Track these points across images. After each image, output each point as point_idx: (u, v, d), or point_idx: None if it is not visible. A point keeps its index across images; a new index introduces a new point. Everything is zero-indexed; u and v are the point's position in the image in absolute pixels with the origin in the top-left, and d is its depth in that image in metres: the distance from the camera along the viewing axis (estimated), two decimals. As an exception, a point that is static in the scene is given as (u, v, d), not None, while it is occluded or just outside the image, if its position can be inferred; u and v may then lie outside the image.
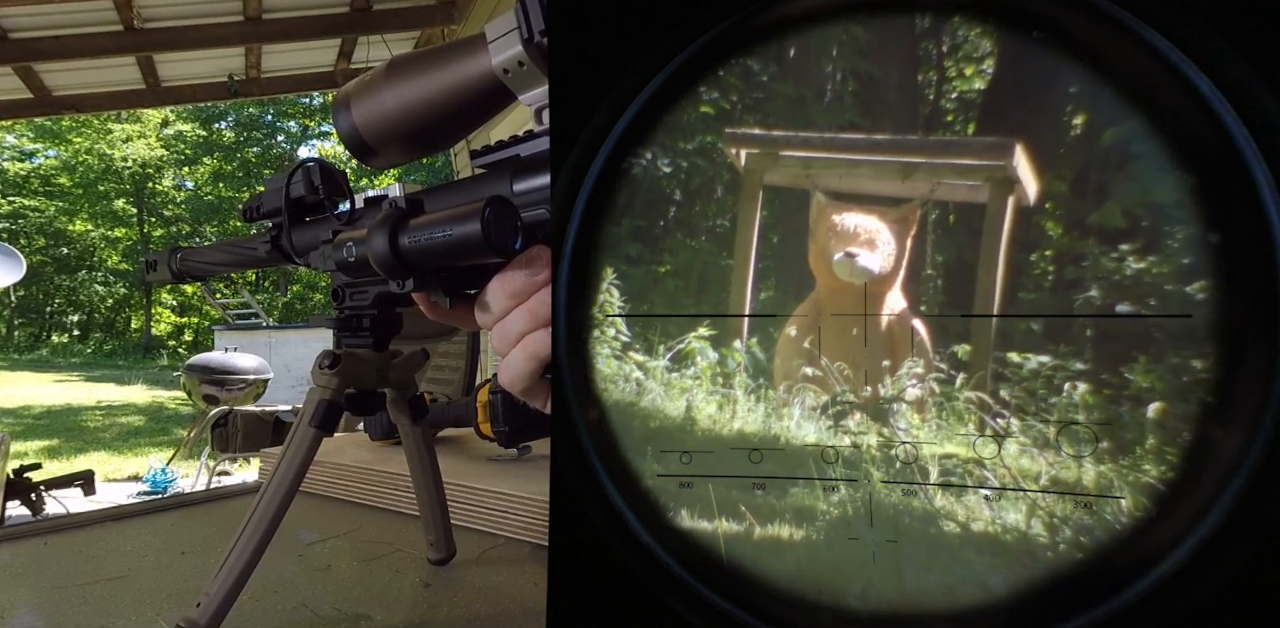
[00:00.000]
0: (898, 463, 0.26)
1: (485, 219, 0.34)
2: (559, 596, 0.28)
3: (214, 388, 3.93)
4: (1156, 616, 0.23)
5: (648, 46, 0.28)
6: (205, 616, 0.46)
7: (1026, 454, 0.25)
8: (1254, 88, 0.22)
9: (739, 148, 0.28)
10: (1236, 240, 0.23)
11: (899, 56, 0.26)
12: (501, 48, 0.35)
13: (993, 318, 0.25)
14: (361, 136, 0.41)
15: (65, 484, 2.75)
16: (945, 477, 0.26)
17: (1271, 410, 0.22)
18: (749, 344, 0.28)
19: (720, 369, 0.28)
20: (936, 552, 0.25)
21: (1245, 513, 0.22)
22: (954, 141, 0.26)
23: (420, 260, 0.38)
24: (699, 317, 0.28)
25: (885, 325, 0.27)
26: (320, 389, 0.51)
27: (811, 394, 0.27)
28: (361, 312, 0.52)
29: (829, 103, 0.27)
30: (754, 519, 0.27)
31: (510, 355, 0.34)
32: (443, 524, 0.63)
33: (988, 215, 0.26)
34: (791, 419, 0.27)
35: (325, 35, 3.89)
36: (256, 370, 4.09)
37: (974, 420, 0.26)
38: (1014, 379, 0.25)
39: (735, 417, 0.28)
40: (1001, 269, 0.25)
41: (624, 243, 0.29)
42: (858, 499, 0.26)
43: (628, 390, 0.29)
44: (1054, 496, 0.24)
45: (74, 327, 18.23)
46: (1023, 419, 0.25)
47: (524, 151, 0.38)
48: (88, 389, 9.95)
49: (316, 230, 0.53)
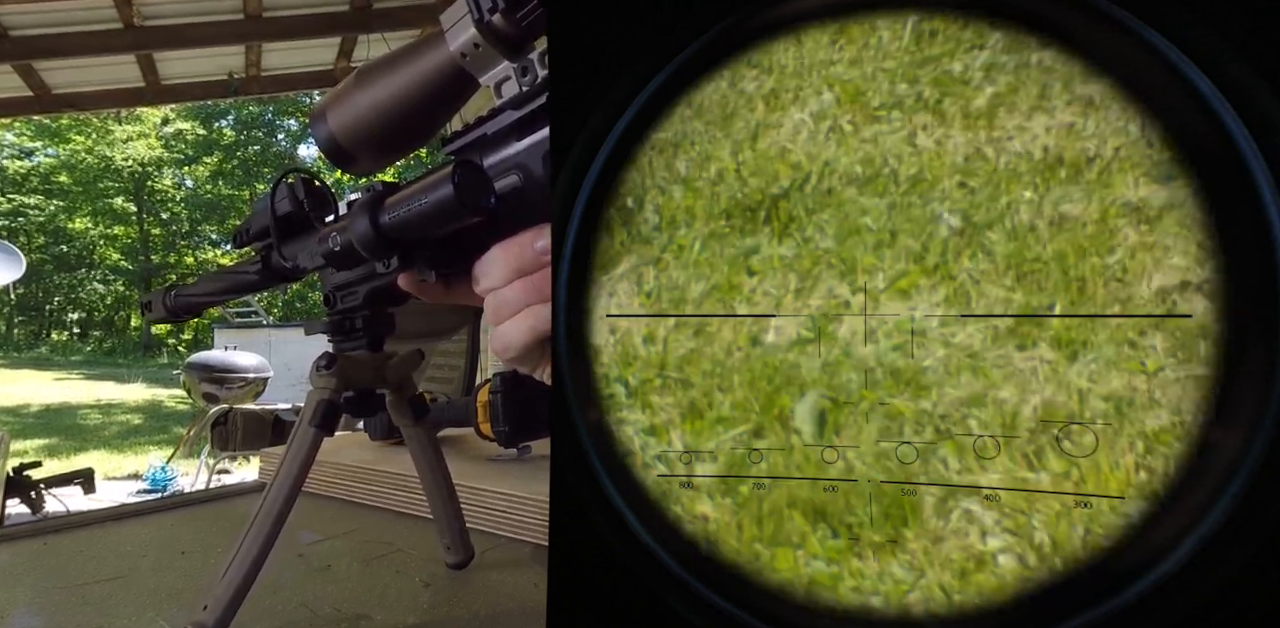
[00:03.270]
0: (896, 463, 0.26)
1: (456, 181, 0.35)
2: (559, 596, 0.28)
3: (214, 386, 3.93)
4: (1156, 616, 0.23)
5: (647, 47, 0.28)
6: (213, 618, 0.46)
7: (1024, 454, 0.25)
8: (1254, 88, 0.22)
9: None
10: (1236, 240, 0.23)
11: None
12: (457, 33, 0.36)
13: (992, 317, 0.25)
14: (339, 144, 0.42)
15: (65, 482, 2.75)
16: (943, 477, 0.26)
17: (1271, 410, 0.22)
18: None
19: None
20: (936, 552, 0.25)
21: (1245, 513, 0.22)
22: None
23: (402, 233, 0.39)
24: (698, 316, 0.28)
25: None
26: (319, 390, 0.51)
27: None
28: (354, 313, 0.52)
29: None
30: (754, 519, 0.27)
31: (507, 324, 0.35)
32: (458, 526, 0.62)
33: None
34: (789, 419, 0.27)
35: (325, 33, 3.90)
36: (256, 369, 4.09)
37: (975, 418, 0.26)
38: (1014, 379, 0.25)
39: (734, 416, 0.28)
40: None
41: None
42: (857, 499, 0.26)
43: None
44: (1053, 494, 0.24)
45: (74, 325, 18.23)
46: (1019, 419, 0.25)
47: (490, 130, 0.39)
48: (87, 387, 9.95)
49: (305, 239, 0.54)
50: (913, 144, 0.26)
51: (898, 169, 0.26)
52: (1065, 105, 0.25)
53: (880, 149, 0.27)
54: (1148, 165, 0.24)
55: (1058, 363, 0.25)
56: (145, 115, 15.91)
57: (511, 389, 0.81)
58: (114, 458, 5.34)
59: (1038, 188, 0.25)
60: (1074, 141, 0.24)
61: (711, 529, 0.28)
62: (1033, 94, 0.25)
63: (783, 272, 0.28)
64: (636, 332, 0.29)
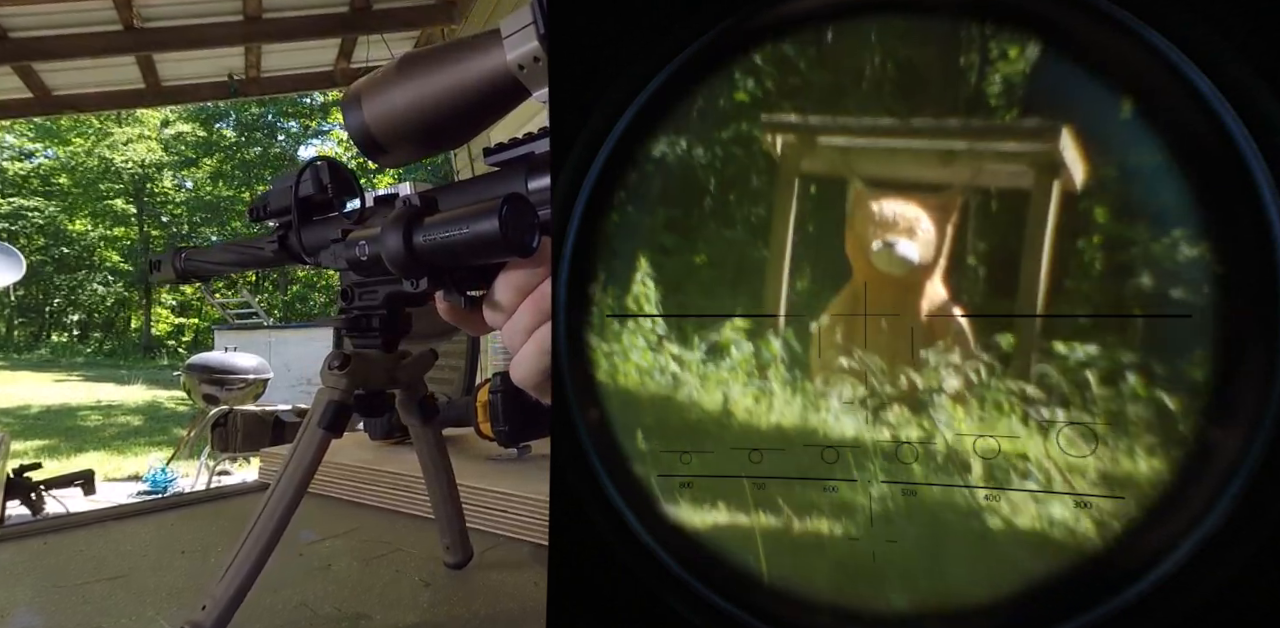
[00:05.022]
0: (892, 464, 0.26)
1: (503, 216, 0.33)
2: (559, 596, 0.28)
3: (214, 387, 3.93)
4: (1156, 616, 0.23)
5: (647, 46, 0.28)
6: (211, 619, 0.45)
7: (1023, 455, 0.25)
8: (1254, 88, 0.22)
9: (775, 135, 0.27)
10: (1236, 240, 0.23)
11: (938, 39, 0.26)
12: (517, 43, 0.35)
13: (988, 318, 0.25)
14: (372, 134, 0.41)
15: (65, 484, 2.75)
16: (943, 477, 0.26)
17: (1271, 410, 0.22)
18: (785, 336, 0.28)
19: (756, 362, 0.28)
20: (936, 552, 0.25)
21: (1245, 513, 0.22)
22: (996, 126, 0.25)
23: (435, 259, 0.37)
24: (698, 316, 0.28)
25: (925, 316, 0.26)
26: (329, 390, 0.50)
27: (847, 388, 0.27)
28: (371, 312, 0.51)
29: (867, 89, 0.26)
30: (754, 519, 0.27)
31: (521, 352, 0.34)
32: (458, 526, 0.62)
33: (1033, 201, 0.25)
34: (789, 419, 0.27)
35: (325, 35, 3.90)
36: (256, 370, 4.09)
37: (971, 422, 0.26)
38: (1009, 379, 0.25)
39: (734, 416, 0.28)
40: (1047, 257, 0.25)
41: (660, 232, 0.28)
42: (856, 500, 0.26)
43: (665, 381, 0.28)
44: (1053, 495, 0.24)
45: (74, 326, 18.23)
46: (1016, 421, 0.25)
47: (537, 149, 0.38)
48: (88, 389, 9.95)
49: (325, 230, 0.53)
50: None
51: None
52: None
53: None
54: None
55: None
56: (145, 117, 15.93)
57: (512, 389, 0.81)
58: (114, 459, 5.34)
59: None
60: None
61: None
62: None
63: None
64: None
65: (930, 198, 0.26)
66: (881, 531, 0.26)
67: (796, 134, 0.27)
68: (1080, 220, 0.24)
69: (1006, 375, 0.25)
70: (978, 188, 0.26)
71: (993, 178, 0.25)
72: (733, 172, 0.28)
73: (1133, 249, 0.24)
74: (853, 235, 0.27)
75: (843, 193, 0.27)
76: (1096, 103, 0.24)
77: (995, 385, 0.25)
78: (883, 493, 0.26)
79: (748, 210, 0.28)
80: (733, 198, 0.28)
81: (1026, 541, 0.25)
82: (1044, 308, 0.25)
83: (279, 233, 0.56)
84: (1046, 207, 0.25)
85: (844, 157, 0.27)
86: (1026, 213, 0.25)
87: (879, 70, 0.26)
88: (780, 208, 0.28)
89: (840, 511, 0.27)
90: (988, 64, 0.25)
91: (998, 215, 0.25)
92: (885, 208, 0.27)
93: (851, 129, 0.27)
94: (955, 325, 0.26)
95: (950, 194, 0.26)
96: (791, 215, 0.27)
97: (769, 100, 0.27)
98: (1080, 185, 0.24)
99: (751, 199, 0.28)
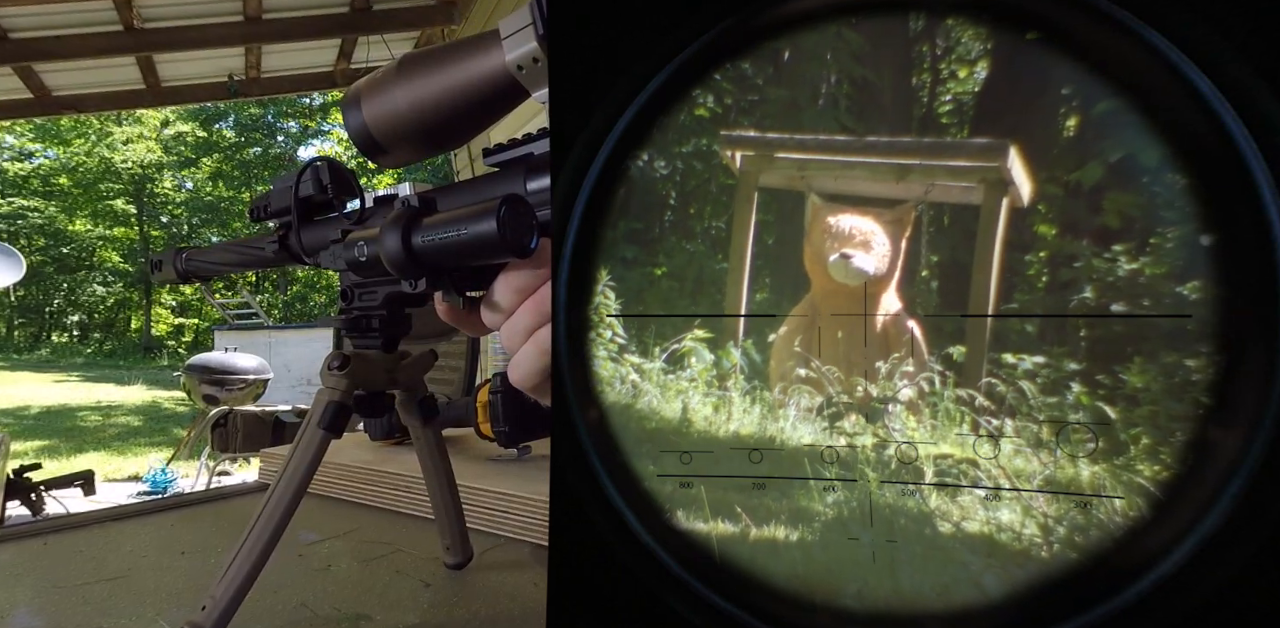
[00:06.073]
0: (894, 463, 0.26)
1: (501, 217, 0.33)
2: (559, 596, 0.28)
3: (214, 388, 3.93)
4: (1156, 616, 0.23)
5: (647, 47, 0.28)
6: (210, 619, 0.45)
7: (1021, 455, 0.25)
8: (1254, 88, 0.22)
9: (734, 150, 0.28)
10: (1236, 240, 0.23)
11: (893, 59, 0.26)
12: (516, 44, 0.35)
13: (988, 318, 0.25)
14: (372, 134, 0.41)
15: (65, 484, 2.75)
16: (941, 477, 0.26)
17: (1271, 410, 0.22)
18: (744, 346, 0.28)
19: (716, 370, 0.28)
20: (935, 552, 0.25)
21: (1245, 513, 0.22)
22: (948, 143, 0.26)
23: (434, 259, 0.37)
24: (697, 317, 0.28)
25: (880, 326, 0.27)
26: (329, 391, 0.50)
27: (807, 395, 0.27)
28: (371, 312, 0.51)
29: (824, 106, 0.27)
30: (753, 519, 0.27)
31: (520, 352, 0.34)
32: (458, 527, 0.62)
33: (982, 216, 0.26)
34: (787, 420, 0.27)
35: (325, 35, 3.89)
36: (256, 370, 4.09)
37: (968, 421, 0.26)
38: (1008, 380, 0.25)
39: (731, 418, 0.28)
40: (996, 270, 0.25)
41: (621, 244, 0.29)
42: (856, 500, 0.26)
43: (625, 391, 0.29)
44: (1050, 496, 0.24)
45: (74, 327, 18.23)
46: (1017, 420, 0.25)
47: (536, 150, 0.38)
48: (87, 389, 9.95)
49: (325, 230, 0.53)
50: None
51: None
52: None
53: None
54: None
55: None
56: (145, 117, 15.94)
57: (512, 389, 0.81)
58: (114, 460, 5.34)
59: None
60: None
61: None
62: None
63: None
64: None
65: (885, 212, 0.27)
66: (881, 531, 0.26)
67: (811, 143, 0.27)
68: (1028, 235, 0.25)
69: (1002, 377, 0.25)
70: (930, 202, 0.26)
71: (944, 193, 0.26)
72: (694, 184, 0.28)
73: (1126, 249, 0.24)
74: (810, 248, 0.28)
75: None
76: (1042, 122, 0.24)
77: (991, 386, 0.25)
78: (881, 494, 0.26)
79: (710, 222, 0.28)
80: (706, 209, 0.28)
81: (1026, 541, 0.25)
82: (1040, 308, 0.25)
83: (279, 233, 0.56)
84: (996, 221, 0.25)
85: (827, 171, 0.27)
86: (976, 226, 0.26)
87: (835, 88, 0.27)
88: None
89: (839, 511, 0.27)
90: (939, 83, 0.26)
91: (950, 228, 0.26)
92: (842, 222, 0.27)
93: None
94: (952, 326, 0.26)
95: (904, 208, 0.26)
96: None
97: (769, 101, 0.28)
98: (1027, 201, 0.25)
99: (715, 209, 0.28)
